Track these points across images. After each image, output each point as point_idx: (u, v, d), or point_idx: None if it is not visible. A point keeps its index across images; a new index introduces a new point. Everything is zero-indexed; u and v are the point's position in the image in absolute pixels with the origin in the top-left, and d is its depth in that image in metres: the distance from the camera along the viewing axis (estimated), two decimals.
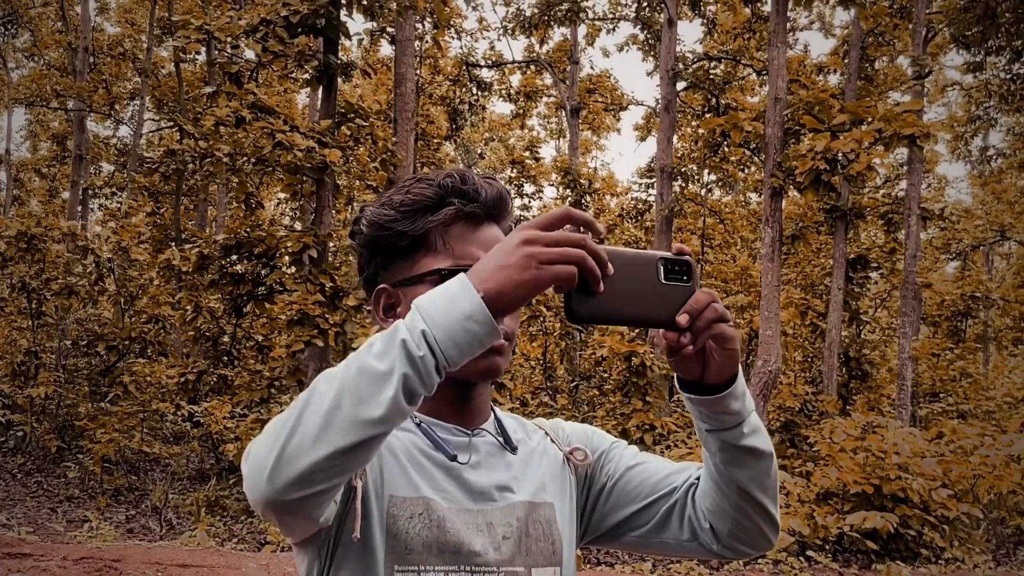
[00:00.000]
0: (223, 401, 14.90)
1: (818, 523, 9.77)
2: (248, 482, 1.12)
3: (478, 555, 1.34)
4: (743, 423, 1.32)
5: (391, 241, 1.40)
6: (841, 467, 10.49)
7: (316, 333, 10.50)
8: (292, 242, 10.95)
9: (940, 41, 23.52)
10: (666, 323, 1.19)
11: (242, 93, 10.83)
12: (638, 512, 1.52)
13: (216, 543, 10.07)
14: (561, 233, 1.10)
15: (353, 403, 1.06)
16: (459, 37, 26.35)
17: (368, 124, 12.12)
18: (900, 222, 19.76)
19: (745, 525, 1.41)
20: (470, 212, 1.39)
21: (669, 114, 18.62)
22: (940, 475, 10.30)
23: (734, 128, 14.33)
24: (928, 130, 12.48)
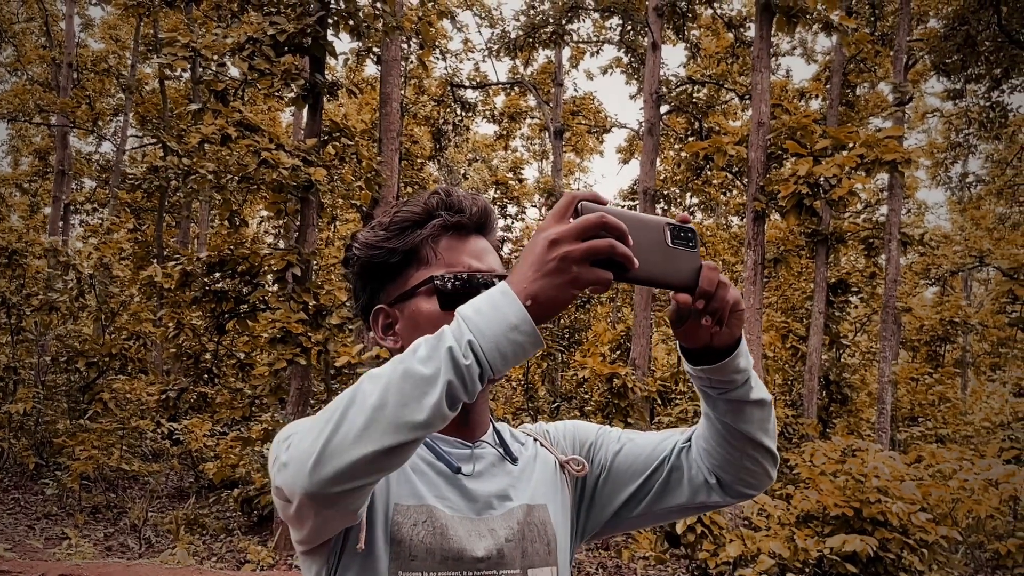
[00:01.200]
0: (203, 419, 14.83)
1: (798, 546, 9.78)
2: (288, 473, 1.15)
3: (480, 561, 1.37)
4: (750, 378, 1.38)
5: (383, 259, 1.44)
6: (821, 490, 10.52)
7: (299, 351, 10.48)
8: (276, 260, 10.94)
9: (921, 68, 23.79)
10: (681, 286, 1.22)
11: (228, 111, 10.84)
12: (635, 492, 1.57)
13: (196, 561, 10.00)
14: (584, 222, 1.11)
15: (397, 405, 1.09)
16: (444, 58, 26.44)
17: (353, 143, 12.13)
18: (880, 247, 19.91)
19: (753, 470, 1.47)
20: (456, 224, 1.44)
21: (652, 137, 18.72)
22: (919, 499, 10.34)
23: (717, 152, 14.44)
24: (909, 156, 12.61)
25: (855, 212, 21.93)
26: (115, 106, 28.98)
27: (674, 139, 24.56)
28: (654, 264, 1.18)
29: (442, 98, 26.59)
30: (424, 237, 1.43)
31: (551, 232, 1.11)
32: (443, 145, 27.35)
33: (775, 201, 12.82)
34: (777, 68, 24.61)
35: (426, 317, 1.41)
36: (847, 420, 19.19)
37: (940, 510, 10.78)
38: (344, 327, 11.71)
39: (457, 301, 1.35)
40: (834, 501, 10.11)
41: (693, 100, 21.24)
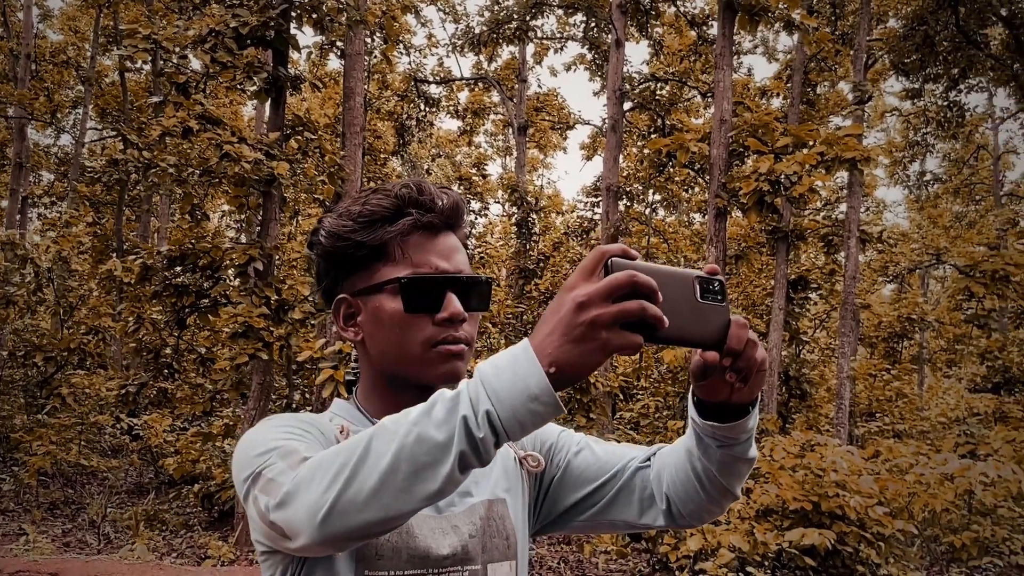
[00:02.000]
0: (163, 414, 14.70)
1: (758, 540, 9.88)
2: (292, 518, 1.12)
3: (445, 559, 1.37)
4: (751, 436, 1.36)
5: (349, 252, 1.42)
6: (781, 485, 10.63)
7: (260, 346, 10.41)
8: (238, 254, 10.85)
9: (880, 68, 24.06)
10: (709, 343, 1.16)
11: (189, 104, 10.73)
12: (586, 497, 1.57)
13: (155, 557, 9.92)
14: (614, 282, 1.04)
15: (409, 471, 1.06)
16: (408, 53, 26.37)
17: (316, 137, 12.08)
18: (840, 244, 20.13)
19: (713, 510, 1.48)
20: (427, 222, 1.41)
21: (615, 134, 18.79)
22: (876, 493, 10.48)
23: (680, 149, 14.52)
24: (868, 154, 12.76)
25: (815, 210, 22.15)
26: (74, 98, 28.59)
27: (637, 136, 24.66)
28: (684, 321, 1.12)
29: (406, 93, 26.51)
30: (393, 234, 1.39)
31: (579, 293, 1.05)
32: (407, 140, 27.25)
33: (737, 198, 12.93)
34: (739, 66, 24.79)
35: (389, 316, 1.39)
36: (806, 415, 19.39)
37: (897, 504, 10.93)
38: (306, 322, 11.65)
39: (421, 303, 1.38)
40: (793, 495, 10.23)
41: (656, 97, 21.33)
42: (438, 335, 1.39)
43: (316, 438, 1.32)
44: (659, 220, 24.57)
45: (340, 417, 1.48)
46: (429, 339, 1.39)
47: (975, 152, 32.83)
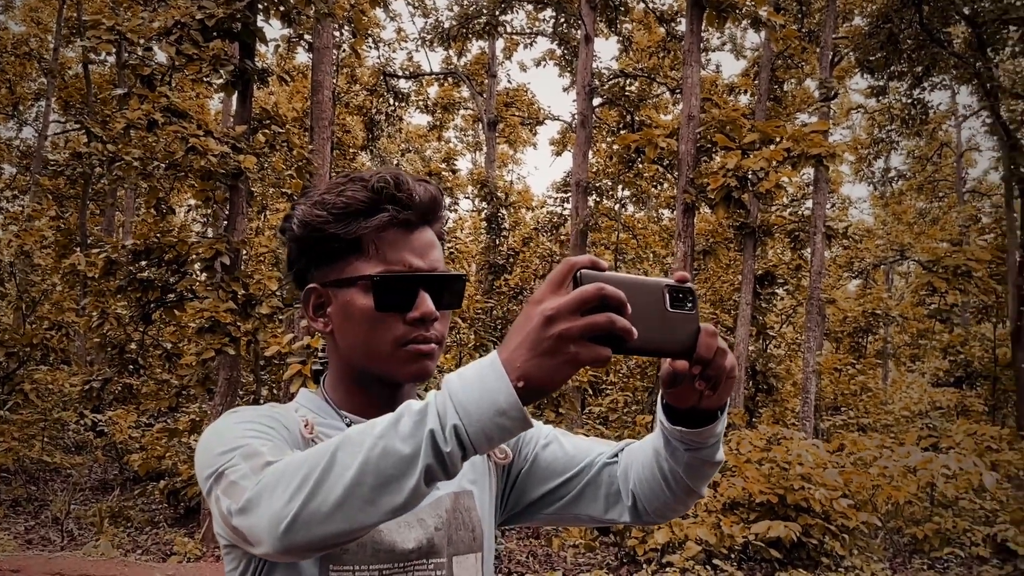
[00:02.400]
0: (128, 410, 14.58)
1: (724, 532, 9.96)
2: (254, 526, 1.11)
3: (411, 552, 1.37)
4: (719, 441, 1.37)
5: (322, 243, 1.39)
6: (747, 478, 10.72)
7: (227, 341, 10.34)
8: (204, 249, 10.77)
9: (846, 65, 24.27)
10: (680, 352, 1.16)
11: (154, 96, 10.62)
12: (552, 490, 1.57)
13: (120, 554, 9.84)
14: (582, 295, 1.03)
15: (375, 484, 1.05)
16: (377, 47, 26.27)
17: (284, 131, 12.00)
18: (806, 240, 20.30)
19: (678, 508, 1.49)
20: (404, 219, 1.38)
21: (585, 129, 18.83)
22: (841, 486, 10.60)
23: (649, 144, 14.58)
24: (834, 150, 12.87)
25: (782, 206, 22.31)
26: (36, 90, 28.21)
27: (606, 132, 24.72)
28: (653, 332, 1.10)
29: (375, 87, 26.41)
30: (368, 229, 1.36)
31: (548, 306, 1.03)
32: (376, 135, 27.16)
33: (704, 194, 13.00)
34: (707, 63, 24.94)
35: (360, 312, 1.37)
36: (773, 409, 19.55)
37: (861, 496, 11.06)
38: (274, 317, 11.59)
39: (392, 302, 1.36)
40: (759, 488, 10.32)
41: (625, 93, 21.40)
42: (408, 334, 1.37)
43: (280, 435, 1.31)
44: (628, 216, 24.65)
45: (306, 408, 1.46)
46: (399, 338, 1.37)
47: (938, 149, 33.21)
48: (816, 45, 20.05)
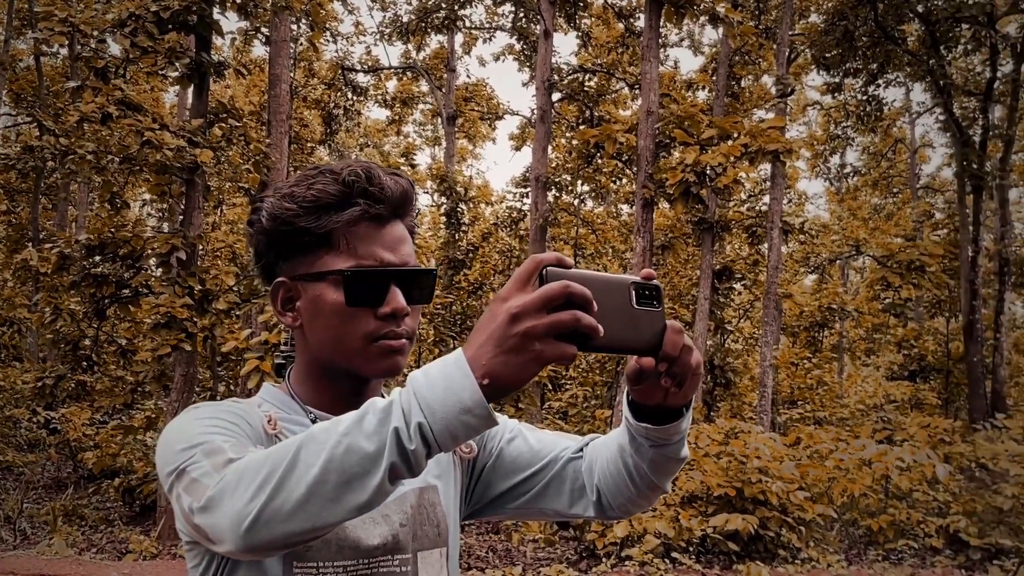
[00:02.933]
0: (82, 407, 14.38)
1: (683, 525, 10.03)
2: (216, 524, 1.10)
3: (376, 548, 1.36)
4: (683, 437, 1.36)
5: (292, 237, 1.37)
6: (705, 471, 10.80)
7: (184, 337, 10.23)
8: (160, 243, 10.64)
9: (802, 62, 24.54)
10: (646, 350, 1.16)
11: (108, 89, 10.47)
12: (517, 485, 1.56)
13: (74, 553, 9.71)
14: (548, 293, 1.03)
15: (338, 482, 1.04)
16: (335, 40, 26.11)
17: (241, 125, 11.88)
18: (763, 235, 20.49)
19: (642, 504, 1.49)
20: (375, 214, 1.36)
21: (544, 124, 18.85)
22: (797, 478, 10.72)
23: (608, 140, 14.63)
24: (791, 146, 13.00)
25: (739, 201, 22.51)
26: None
27: (566, 127, 24.77)
28: (619, 329, 1.11)
29: (333, 81, 26.26)
30: (339, 224, 1.34)
31: (513, 304, 1.03)
32: (334, 129, 27.01)
33: (663, 189, 13.07)
34: (666, 59, 25.05)
35: (331, 307, 1.35)
36: (731, 403, 19.73)
37: (817, 489, 11.18)
38: (231, 312, 11.48)
39: (363, 297, 1.34)
40: (717, 482, 10.40)
41: (584, 88, 21.44)
42: (379, 330, 1.36)
43: (243, 431, 1.29)
44: (587, 211, 24.72)
45: (269, 404, 1.45)
46: (370, 333, 1.36)
47: (892, 146, 33.65)
48: (773, 42, 20.23)
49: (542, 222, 18.19)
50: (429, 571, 1.44)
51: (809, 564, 10.07)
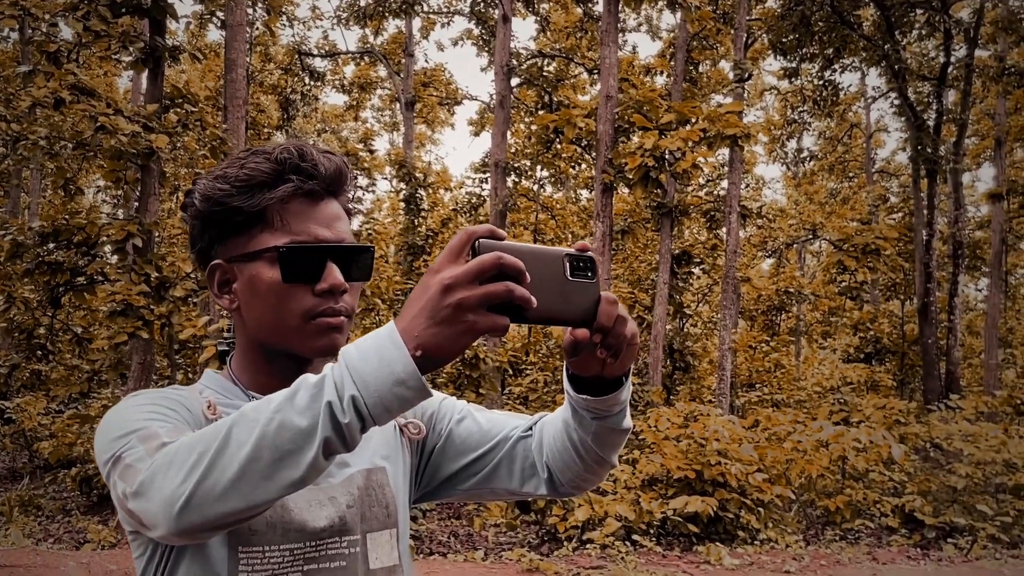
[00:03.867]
0: (37, 397, 14.17)
1: (643, 508, 10.10)
2: (148, 507, 1.08)
3: (323, 531, 1.35)
4: (625, 408, 1.36)
5: (225, 217, 1.34)
6: (665, 454, 10.88)
7: (140, 325, 10.10)
8: (115, 230, 10.49)
9: (759, 47, 24.66)
10: (580, 321, 1.15)
11: (61, 74, 10.28)
12: (467, 465, 1.55)
13: (32, 543, 9.58)
14: (480, 265, 1.03)
15: (272, 459, 1.03)
16: (291, 25, 25.86)
17: (197, 110, 11.73)
18: (721, 220, 20.63)
19: (591, 479, 1.48)
20: (309, 189, 1.34)
21: (503, 109, 18.81)
22: (756, 460, 10.83)
23: (567, 124, 14.64)
24: (748, 131, 13.08)
25: (698, 186, 22.64)
26: None
27: (525, 112, 24.75)
28: (552, 302, 1.10)
29: (289, 66, 26.02)
30: (272, 200, 1.31)
31: (445, 275, 1.03)
32: (291, 115, 26.78)
33: (623, 174, 13.10)
34: (624, 44, 25.12)
35: (267, 285, 1.33)
36: (690, 387, 19.88)
37: (775, 471, 11.30)
38: (189, 300, 11.36)
39: (300, 273, 1.32)
40: (677, 464, 10.48)
41: (543, 74, 21.44)
42: (317, 307, 1.34)
43: (182, 417, 1.28)
44: (547, 196, 24.75)
45: (210, 389, 1.43)
46: (308, 310, 1.34)
47: (848, 130, 33.99)
48: (730, 27, 20.33)
49: (501, 207, 18.18)
50: (379, 552, 1.43)
51: (768, 545, 10.19)
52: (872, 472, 12.03)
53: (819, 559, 9.73)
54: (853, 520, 11.13)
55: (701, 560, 9.47)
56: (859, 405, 16.01)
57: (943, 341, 21.75)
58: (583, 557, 9.41)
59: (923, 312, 20.94)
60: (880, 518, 11.27)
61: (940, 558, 10.04)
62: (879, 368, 23.42)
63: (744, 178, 24.08)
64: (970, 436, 12.62)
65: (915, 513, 11.02)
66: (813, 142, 35.31)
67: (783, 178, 37.83)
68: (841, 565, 9.49)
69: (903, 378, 23.69)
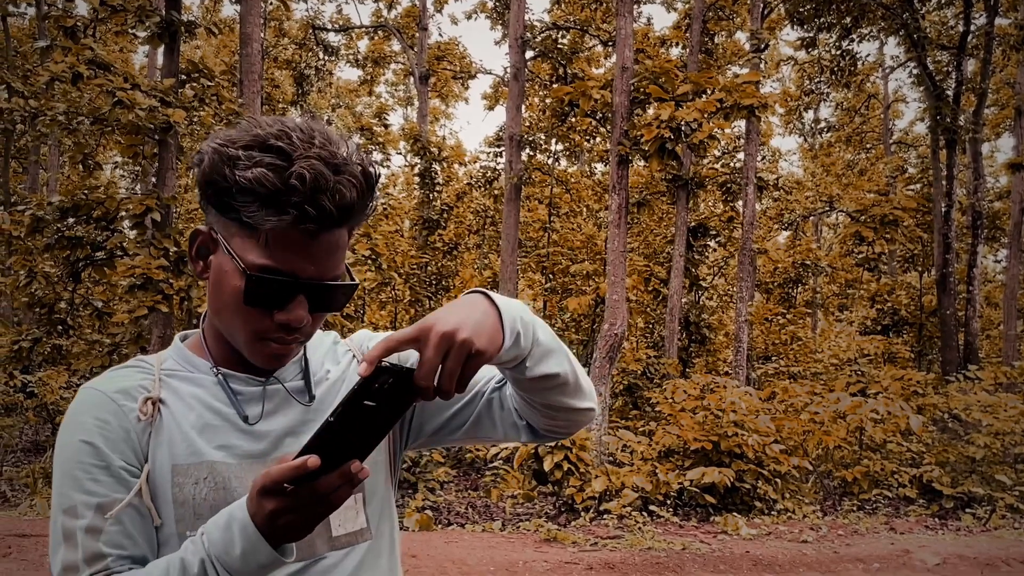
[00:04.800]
0: (59, 371, 14.29)
1: (660, 479, 10.13)
2: None
3: None
4: (524, 360, 1.30)
5: (219, 200, 1.28)
6: (682, 426, 10.90)
7: (160, 298, 10.16)
8: (134, 205, 10.53)
9: (776, 17, 24.45)
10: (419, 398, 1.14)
11: (78, 48, 10.27)
12: (448, 420, 1.56)
13: None
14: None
15: None
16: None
17: (214, 84, 11.72)
18: (738, 192, 20.55)
19: (559, 424, 1.47)
20: (305, 229, 1.24)
21: (518, 82, 18.74)
22: (773, 432, 10.83)
23: (583, 97, 14.55)
24: (766, 100, 12.99)
25: (714, 158, 22.51)
26: None
27: (539, 85, 24.65)
28: (376, 431, 1.14)
29: (304, 41, 25.96)
30: (266, 224, 1.23)
31: (269, 504, 1.14)
32: (305, 90, 26.75)
33: (638, 146, 13.04)
34: (639, 15, 24.91)
35: (230, 291, 1.29)
36: (706, 359, 19.87)
37: (792, 442, 11.32)
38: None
39: (263, 300, 1.28)
40: (694, 436, 10.50)
41: (558, 46, 21.31)
42: (270, 332, 1.32)
43: (104, 459, 1.31)
44: (561, 170, 24.68)
45: (173, 360, 1.44)
46: (259, 332, 1.32)
47: (866, 101, 33.71)
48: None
49: (516, 181, 18.14)
50: (341, 517, 1.43)
51: (785, 515, 10.22)
52: (890, 443, 12.03)
53: (836, 529, 9.75)
54: (870, 491, 11.14)
55: (718, 530, 9.50)
56: (876, 376, 15.97)
57: (962, 312, 21.65)
58: (600, 527, 9.45)
59: (941, 283, 20.83)
60: (898, 488, 11.27)
61: (958, 528, 10.04)
62: (896, 340, 23.32)
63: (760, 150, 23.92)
64: (989, 407, 12.58)
65: (933, 483, 11.02)
66: (830, 113, 35.08)
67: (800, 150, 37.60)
68: (859, 535, 9.50)
69: (921, 350, 23.59)
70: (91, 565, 1.27)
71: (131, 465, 1.32)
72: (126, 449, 1.32)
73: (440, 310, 1.17)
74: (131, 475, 1.31)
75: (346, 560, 1.42)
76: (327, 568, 1.40)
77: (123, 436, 1.33)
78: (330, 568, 1.40)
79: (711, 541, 9.02)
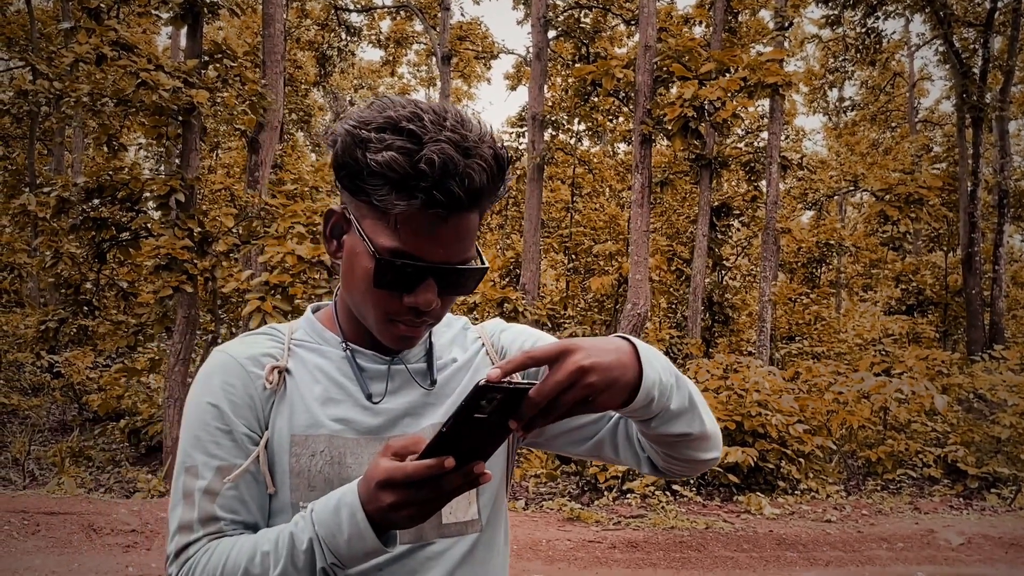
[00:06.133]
0: (85, 351, 14.44)
1: None
2: None
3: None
4: (650, 420, 1.30)
5: (351, 182, 1.29)
6: None
7: (185, 279, 10.23)
8: (158, 186, 10.59)
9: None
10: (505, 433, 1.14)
11: (102, 29, 10.31)
12: (574, 429, 1.53)
13: (84, 492, 9.82)
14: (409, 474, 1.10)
15: None
16: None
17: (236, 65, 11.74)
18: (761, 171, 20.41)
19: (678, 467, 1.46)
20: (435, 213, 1.25)
21: (540, 62, 18.68)
22: (797, 411, 10.80)
23: (605, 76, 14.51)
24: (790, 78, 12.89)
25: (737, 137, 22.39)
26: None
27: (562, 65, 24.55)
28: (487, 444, 1.14)
29: (326, 22, 25.95)
30: (395, 207, 1.24)
31: (388, 497, 1.14)
32: (328, 71, 26.77)
33: (662, 125, 12.99)
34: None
35: (362, 272, 1.31)
36: (729, 339, 19.81)
37: (816, 422, 11.29)
38: (231, 254, 11.47)
39: (392, 283, 1.29)
40: (717, 416, 10.49)
41: (580, 25, 21.22)
42: (400, 313, 1.33)
43: (230, 424, 1.36)
44: (584, 150, 24.60)
45: (303, 331, 1.48)
46: (390, 313, 1.33)
47: (891, 79, 33.39)
48: None
49: (539, 161, 18.11)
50: (454, 506, 1.44)
51: (809, 495, 10.21)
52: (914, 423, 11.98)
53: (860, 509, 9.73)
54: (895, 471, 11.11)
55: (741, 510, 9.51)
56: (901, 356, 15.89)
57: (987, 292, 21.48)
58: (623, 507, 9.48)
59: (967, 262, 20.67)
60: (922, 468, 11.23)
61: (983, 508, 10.00)
62: (921, 320, 23.19)
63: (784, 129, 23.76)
64: (1014, 386, 12.50)
65: (958, 463, 10.97)
66: (855, 92, 34.76)
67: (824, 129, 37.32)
68: (883, 515, 9.49)
69: (946, 330, 23.45)
70: (205, 527, 1.31)
71: (252, 432, 1.36)
72: (249, 415, 1.36)
73: (587, 340, 1.17)
74: (252, 442, 1.36)
75: (454, 549, 1.43)
76: (434, 554, 1.41)
77: (248, 402, 1.37)
78: (437, 555, 1.41)
79: (734, 520, 9.03)
